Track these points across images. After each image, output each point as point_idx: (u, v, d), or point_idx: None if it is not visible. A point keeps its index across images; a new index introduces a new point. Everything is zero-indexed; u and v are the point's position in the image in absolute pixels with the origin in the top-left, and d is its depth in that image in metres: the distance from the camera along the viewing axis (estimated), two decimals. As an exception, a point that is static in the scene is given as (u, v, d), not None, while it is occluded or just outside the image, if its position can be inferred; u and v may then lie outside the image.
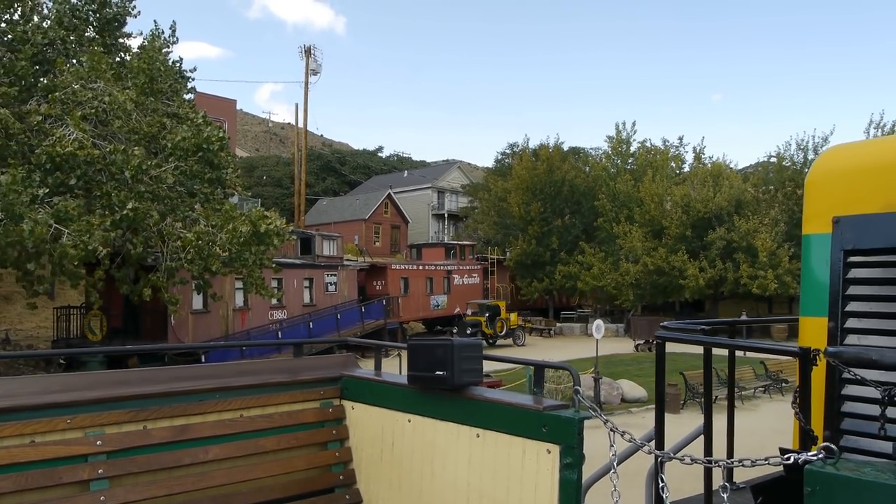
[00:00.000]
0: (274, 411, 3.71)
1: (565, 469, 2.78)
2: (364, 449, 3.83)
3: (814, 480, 1.86)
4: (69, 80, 18.77)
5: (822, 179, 3.16)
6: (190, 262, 18.37)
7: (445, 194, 72.47)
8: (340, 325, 29.10)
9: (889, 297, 2.78)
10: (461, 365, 3.15)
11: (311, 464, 3.75)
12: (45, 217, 15.82)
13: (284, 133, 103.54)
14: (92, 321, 22.19)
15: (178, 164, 18.83)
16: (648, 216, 40.40)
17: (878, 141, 3.31)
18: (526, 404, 3.00)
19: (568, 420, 2.80)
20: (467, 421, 3.20)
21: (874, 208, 2.84)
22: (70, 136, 17.66)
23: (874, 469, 1.84)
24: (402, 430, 3.57)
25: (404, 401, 3.55)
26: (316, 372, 3.99)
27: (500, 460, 3.04)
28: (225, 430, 3.48)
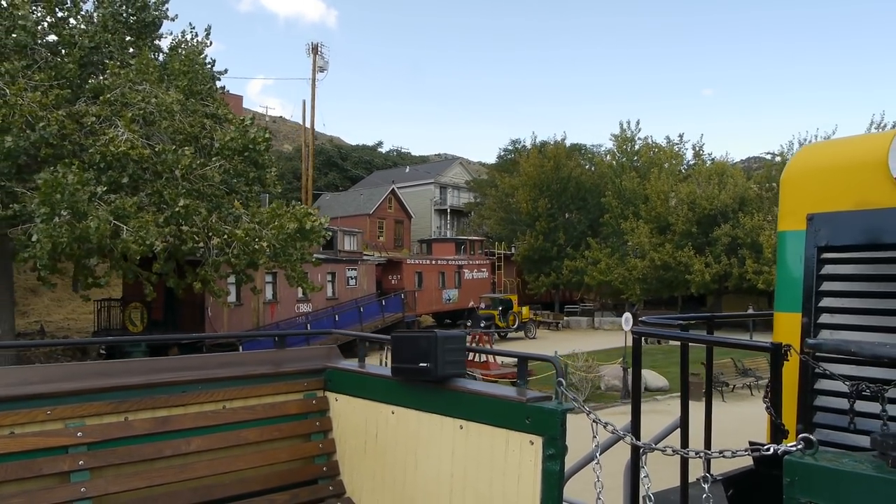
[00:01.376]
0: (257, 403, 3.71)
1: (548, 460, 2.80)
2: (347, 440, 3.82)
3: (793, 471, 1.91)
4: (120, 83, 19.59)
5: (797, 177, 3.24)
6: (236, 257, 19.29)
7: (448, 190, 73.34)
8: (363, 317, 30.07)
9: (860, 293, 2.85)
10: (445, 357, 3.16)
11: (294, 455, 3.75)
12: (105, 214, 16.70)
13: (277, 127, 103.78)
14: (132, 313, 23.10)
15: (223, 164, 19.72)
16: (655, 212, 41.53)
17: (851, 140, 3.28)
18: (509, 396, 3.04)
19: (551, 412, 2.82)
20: (451, 412, 3.21)
21: (847, 206, 2.91)
22: (122, 137, 18.52)
23: (852, 460, 1.89)
24: (385, 422, 3.58)
25: (388, 392, 3.56)
26: (300, 363, 3.98)
27: (484, 452, 3.06)
28: (207, 421, 3.47)
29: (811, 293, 2.94)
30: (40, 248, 15.51)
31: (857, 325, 2.80)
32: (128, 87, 19.77)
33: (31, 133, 17.30)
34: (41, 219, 15.66)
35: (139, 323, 22.92)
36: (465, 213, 70.60)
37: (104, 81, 20.33)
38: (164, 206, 18.77)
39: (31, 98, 18.06)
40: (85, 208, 16.33)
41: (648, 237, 40.45)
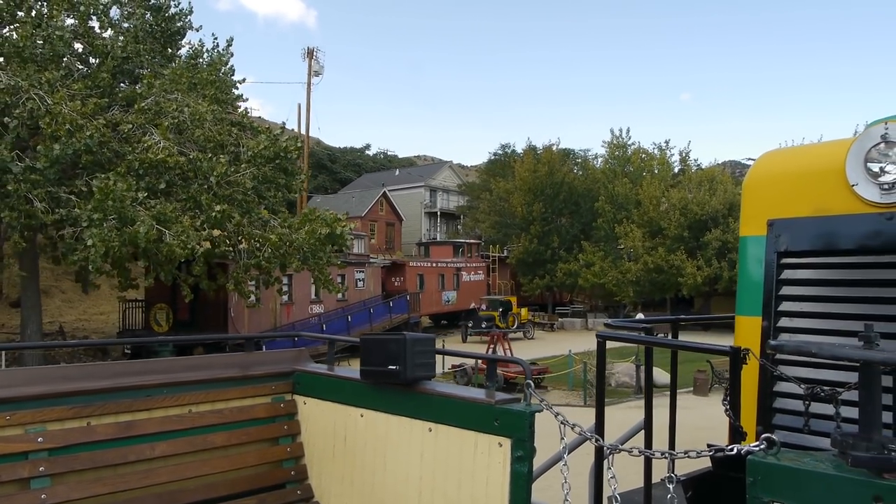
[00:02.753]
0: (224, 407, 3.67)
1: (516, 462, 2.82)
2: (316, 444, 3.81)
3: (756, 470, 1.94)
4: (154, 92, 20.43)
5: (758, 183, 3.28)
6: (268, 261, 20.22)
7: (438, 193, 74.44)
8: (372, 318, 31.06)
9: (818, 297, 2.91)
10: (414, 359, 3.18)
11: (261, 459, 3.72)
12: (148, 219, 17.56)
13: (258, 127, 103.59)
14: (158, 314, 23.88)
15: (254, 171, 20.63)
16: (647, 217, 42.97)
17: (810, 147, 3.31)
18: (478, 398, 3.05)
19: (519, 413, 2.85)
20: (420, 415, 3.22)
21: (805, 212, 2.96)
22: (158, 144, 19.37)
23: (813, 459, 1.93)
24: (354, 425, 3.58)
25: (357, 395, 3.56)
26: (268, 367, 3.97)
27: (452, 454, 3.07)
28: (172, 426, 3.44)
29: (771, 297, 3.00)
30: (94, 251, 16.32)
31: (815, 329, 2.86)
32: (162, 96, 20.62)
33: (76, 141, 18.08)
34: (95, 224, 16.47)
35: (164, 323, 23.71)
36: (455, 216, 71.79)
37: (138, 90, 21.17)
38: (198, 210, 19.64)
39: (71, 107, 18.85)
40: (132, 214, 17.19)
41: (641, 241, 41.86)
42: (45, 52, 20.53)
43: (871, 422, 1.87)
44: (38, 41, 20.23)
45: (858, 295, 2.77)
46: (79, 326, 31.16)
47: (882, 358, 1.85)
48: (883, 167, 2.72)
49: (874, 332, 1.91)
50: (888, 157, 2.71)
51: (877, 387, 1.91)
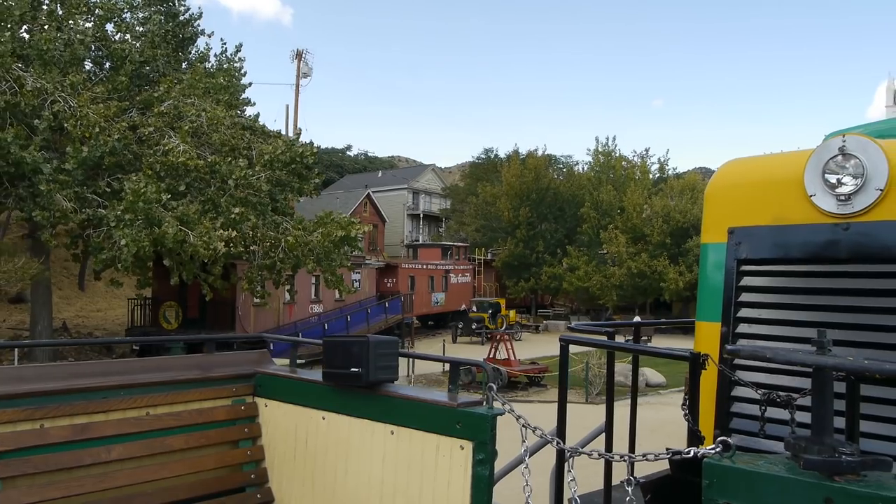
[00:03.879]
0: (183, 409, 3.62)
1: (478, 465, 2.83)
2: (277, 447, 3.78)
3: (712, 473, 1.97)
4: (173, 96, 21.09)
5: (719, 192, 3.32)
6: (282, 261, 21.00)
7: (420, 195, 75.35)
8: (370, 319, 31.92)
9: (776, 304, 2.96)
10: (376, 362, 3.18)
11: (220, 463, 3.67)
12: (173, 221, 18.26)
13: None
14: (167, 311, 24.49)
15: (269, 174, 21.39)
16: (630, 224, 44.40)
17: (771, 157, 3.36)
18: (440, 401, 3.05)
19: (481, 416, 2.86)
20: (382, 418, 3.22)
21: (765, 221, 3.00)
22: (178, 148, 20.06)
23: (767, 462, 1.96)
24: (316, 428, 3.56)
25: (319, 398, 3.54)
26: (229, 368, 3.92)
27: (414, 457, 3.07)
28: (129, 428, 3.38)
29: (730, 303, 3.03)
30: (127, 251, 17.00)
31: (773, 336, 2.90)
32: (180, 100, 21.28)
33: (103, 143, 18.69)
34: (126, 224, 17.14)
35: (174, 321, 24.32)
36: (438, 218, 72.77)
37: (155, 94, 21.81)
38: (216, 212, 20.35)
39: (94, 110, 19.46)
40: (159, 215, 17.89)
41: (626, 247, 43.27)
42: (66, 55, 21.10)
43: (823, 425, 1.91)
44: (59, 44, 20.76)
45: (815, 303, 2.83)
46: (78, 323, 31.51)
47: (833, 363, 1.90)
48: (840, 178, 2.78)
49: (826, 338, 1.96)
50: (845, 168, 2.76)
51: (829, 391, 1.94)
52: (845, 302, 2.75)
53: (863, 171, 2.71)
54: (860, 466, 1.80)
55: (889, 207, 2.68)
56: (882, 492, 1.71)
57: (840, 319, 2.72)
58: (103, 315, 33.99)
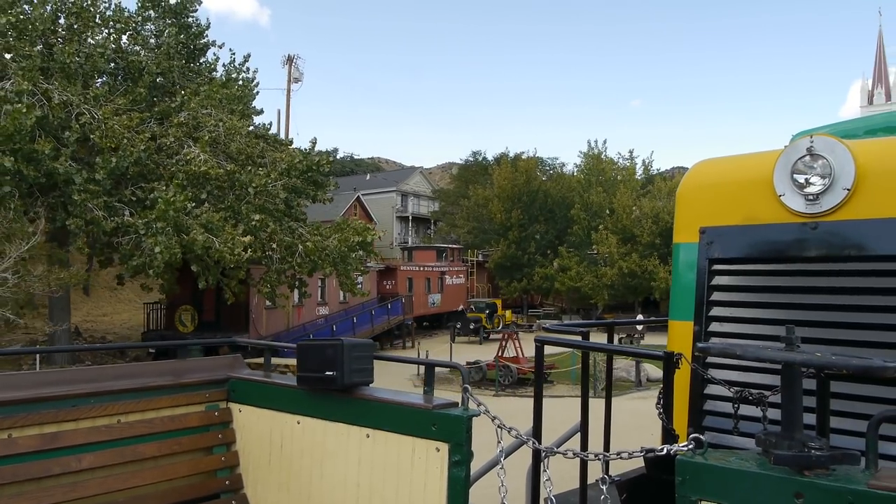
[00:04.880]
0: (155, 416, 3.59)
1: (454, 467, 2.84)
2: (252, 452, 3.76)
3: (684, 470, 2.00)
4: (193, 108, 21.83)
5: (691, 192, 3.35)
6: (300, 266, 21.86)
7: (409, 197, 76.24)
8: (373, 320, 32.81)
9: (747, 303, 2.98)
10: (351, 365, 3.18)
11: (194, 469, 3.65)
12: (198, 228, 19.04)
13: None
14: (183, 315, 25.21)
15: (286, 182, 22.24)
16: (620, 225, 45.67)
17: (741, 157, 3.39)
18: (416, 403, 3.06)
19: (457, 418, 2.87)
20: (357, 421, 3.22)
21: (735, 220, 3.03)
22: (199, 157, 20.82)
23: (739, 458, 2.00)
24: (290, 432, 3.55)
25: (293, 402, 3.54)
26: (201, 374, 3.88)
27: (390, 460, 3.07)
28: (100, 436, 3.34)
29: (702, 302, 3.06)
30: (161, 257, 17.77)
31: (744, 334, 2.93)
32: (198, 111, 22.02)
33: (129, 154, 19.42)
34: (158, 232, 17.91)
35: (189, 324, 25.04)
36: (426, 220, 73.72)
37: (172, 105, 22.53)
38: (236, 219, 21.15)
39: (118, 121, 20.19)
40: (188, 223, 18.68)
41: (616, 247, 44.52)
42: (87, 68, 21.78)
43: (793, 421, 1.93)
44: (80, 57, 21.42)
45: (785, 301, 2.87)
46: (87, 328, 32.03)
47: (802, 359, 1.92)
48: (808, 178, 2.81)
49: (795, 335, 1.99)
50: (813, 168, 2.80)
51: (798, 387, 1.97)
52: (814, 300, 2.79)
53: (830, 171, 2.76)
54: (829, 461, 1.83)
55: (855, 207, 2.74)
56: (850, 485, 1.75)
57: (809, 317, 2.76)
58: (110, 319, 34.50)
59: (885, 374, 1.88)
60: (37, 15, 20.65)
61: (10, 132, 16.47)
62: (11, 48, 19.08)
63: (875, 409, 2.12)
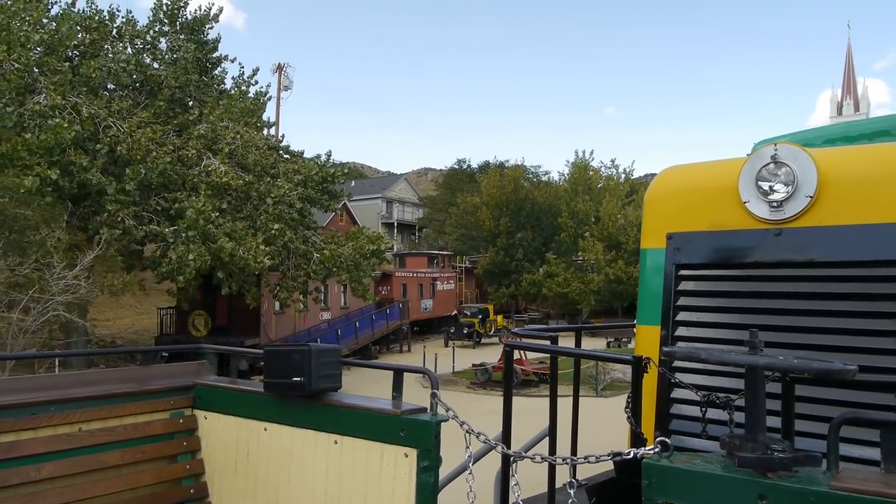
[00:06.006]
0: (118, 424, 3.52)
1: (422, 472, 2.84)
2: (217, 460, 3.72)
3: (651, 473, 2.04)
4: (213, 120, 22.77)
5: (658, 198, 3.39)
6: (315, 273, 22.91)
7: (394, 204, 77.34)
8: (374, 325, 33.89)
9: (713, 308, 3.04)
10: (319, 371, 3.15)
11: (158, 478, 3.60)
12: (223, 236, 20.01)
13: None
14: (196, 319, 26.08)
15: (302, 192, 23.28)
16: (606, 232, 47.23)
17: (708, 164, 3.41)
18: (384, 409, 3.06)
19: (425, 423, 2.88)
20: (325, 427, 3.20)
21: (702, 226, 3.08)
22: (219, 169, 21.78)
23: (704, 461, 2.03)
24: (257, 439, 3.52)
25: (260, 409, 3.51)
26: (166, 380, 3.83)
27: (358, 466, 3.07)
28: (61, 445, 3.27)
29: (669, 308, 3.08)
30: (193, 265, 18.73)
31: (710, 338, 2.97)
32: (216, 124, 22.96)
33: (156, 165, 20.32)
34: (190, 240, 18.85)
35: (203, 328, 25.92)
36: (412, 226, 74.92)
37: (189, 118, 23.45)
38: (254, 228, 22.12)
39: (142, 134, 21.08)
40: (214, 232, 19.66)
41: (603, 254, 46.04)
42: (111, 82, 22.64)
43: (756, 424, 1.95)
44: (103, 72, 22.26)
45: (749, 306, 2.91)
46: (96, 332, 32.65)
47: (765, 363, 1.96)
48: (772, 185, 2.85)
49: (758, 339, 2.02)
50: (777, 176, 2.84)
51: (761, 390, 1.99)
52: (778, 305, 2.84)
53: (793, 179, 2.81)
54: (792, 463, 1.86)
55: (818, 214, 2.79)
56: (812, 486, 1.77)
57: (774, 322, 2.80)
58: (113, 324, 35.10)
59: (846, 376, 1.92)
60: (64, 31, 21.48)
61: (52, 145, 17.32)
62: (43, 63, 19.87)
63: (838, 412, 2.16)
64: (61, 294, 13.92)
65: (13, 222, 14.55)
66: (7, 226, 14.51)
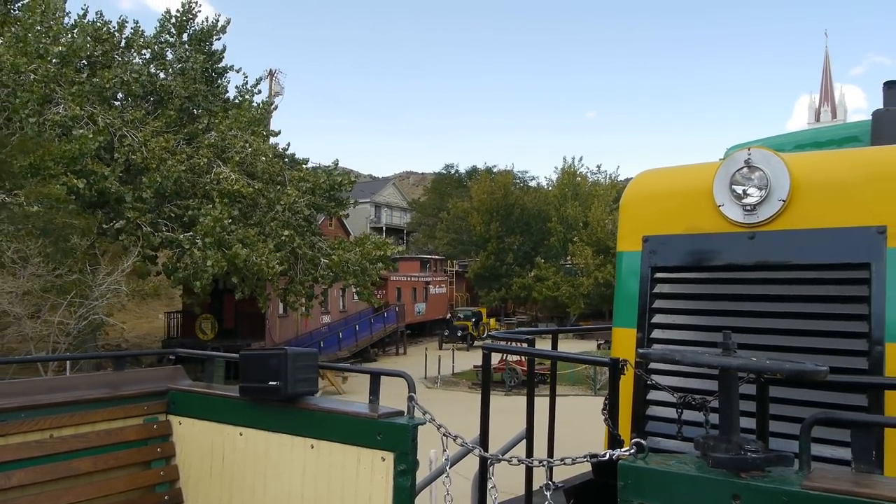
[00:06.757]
0: (90, 430, 3.46)
1: (399, 476, 2.83)
2: (192, 466, 3.68)
3: (626, 475, 2.05)
4: (224, 129, 23.46)
5: (634, 201, 3.41)
6: (323, 277, 23.67)
7: (382, 209, 78.07)
8: (372, 328, 34.70)
9: (688, 310, 3.06)
10: (295, 375, 3.13)
11: (131, 485, 3.54)
12: (237, 243, 20.72)
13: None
14: (203, 323, 26.74)
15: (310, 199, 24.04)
16: (595, 237, 48.39)
17: (683, 168, 3.41)
18: (361, 413, 3.05)
19: (402, 427, 2.87)
20: (301, 432, 3.19)
21: (678, 230, 3.10)
22: (230, 177, 22.47)
23: (678, 461, 2.04)
24: (233, 445, 3.49)
25: (236, 413, 3.47)
26: (139, 386, 3.77)
27: (335, 470, 3.05)
28: (32, 452, 3.21)
29: (645, 310, 3.11)
30: (210, 270, 19.44)
31: (685, 340, 2.99)
32: (226, 133, 23.64)
33: (171, 173, 20.99)
34: (208, 247, 19.56)
35: (209, 332, 26.58)
36: (401, 230, 75.74)
37: (199, 127, 24.12)
38: (264, 234, 22.84)
39: (155, 143, 21.74)
40: (229, 239, 20.38)
41: (592, 259, 47.18)
42: (123, 91, 23.28)
43: (730, 424, 1.97)
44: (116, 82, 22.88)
45: (724, 308, 2.93)
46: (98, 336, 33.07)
47: (738, 364, 1.99)
48: (746, 189, 2.87)
49: (732, 340, 2.05)
50: (750, 180, 2.86)
51: (734, 391, 2.01)
52: (752, 307, 2.87)
53: (767, 183, 2.83)
54: (765, 463, 1.88)
55: (790, 217, 2.82)
56: (785, 486, 1.81)
57: (748, 324, 2.83)
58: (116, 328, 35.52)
59: (818, 377, 1.93)
60: (79, 43, 22.10)
61: (76, 155, 17.98)
62: (60, 75, 20.48)
63: (811, 413, 2.17)
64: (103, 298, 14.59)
65: (61, 230, 15.20)
66: (55, 233, 15.16)
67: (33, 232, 14.51)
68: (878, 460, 2.39)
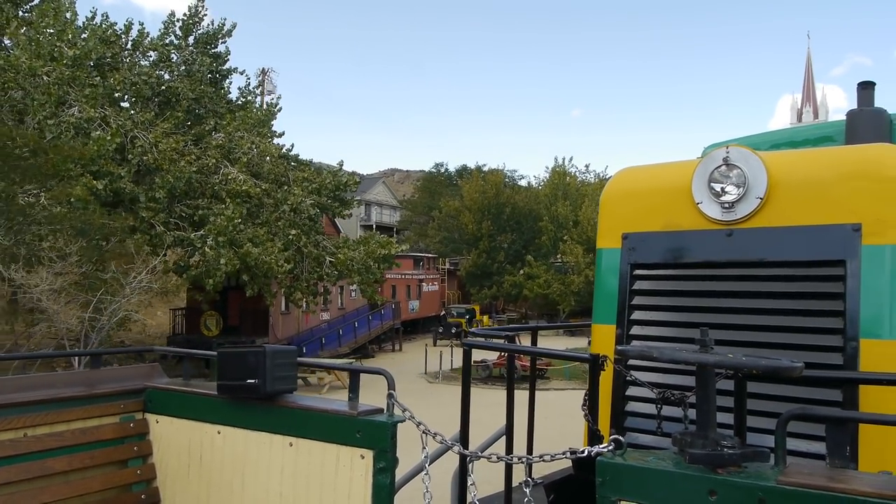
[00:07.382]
0: (65, 429, 3.41)
1: (378, 474, 2.82)
2: (170, 465, 3.63)
3: (604, 471, 2.05)
4: (230, 131, 24.02)
5: (613, 199, 3.43)
6: (328, 275, 24.34)
7: (372, 206, 78.66)
8: (370, 325, 35.39)
9: (667, 307, 3.10)
10: (274, 372, 3.11)
11: (107, 484, 3.49)
12: (247, 242, 21.33)
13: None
14: (208, 320, 27.28)
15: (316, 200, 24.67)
16: (585, 236, 49.30)
17: (662, 165, 3.42)
18: (340, 410, 3.05)
19: (381, 424, 2.86)
20: (280, 430, 3.17)
21: (657, 227, 3.13)
22: (238, 178, 23.05)
23: (656, 458, 2.05)
24: (211, 443, 3.46)
25: (214, 412, 3.44)
26: (116, 384, 3.71)
27: (314, 468, 3.04)
28: (4, 452, 3.15)
29: (624, 306, 3.14)
30: (224, 268, 20.04)
31: (663, 337, 3.03)
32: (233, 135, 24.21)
33: (182, 174, 21.55)
34: (221, 245, 20.15)
35: (214, 328, 27.13)
36: (391, 228, 76.42)
37: (206, 128, 24.68)
38: (272, 233, 23.44)
39: (166, 144, 22.28)
40: (240, 238, 21.00)
41: (583, 257, 48.10)
42: (132, 93, 23.78)
43: (707, 421, 1.98)
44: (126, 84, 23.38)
45: (702, 305, 2.98)
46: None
47: (714, 361, 1.98)
48: (724, 187, 2.91)
49: (709, 337, 2.04)
50: (728, 178, 2.90)
51: (711, 388, 2.02)
52: (729, 304, 2.89)
53: (744, 181, 2.86)
54: (741, 458, 1.90)
55: (768, 215, 2.85)
56: (760, 482, 1.82)
57: (725, 321, 2.86)
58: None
59: (793, 373, 1.95)
60: (90, 46, 22.57)
61: (94, 156, 18.51)
62: (74, 77, 20.96)
63: (788, 409, 2.18)
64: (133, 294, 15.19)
65: (98, 230, 15.76)
66: (92, 233, 15.72)
67: (69, 231, 15.07)
68: (853, 455, 2.44)
